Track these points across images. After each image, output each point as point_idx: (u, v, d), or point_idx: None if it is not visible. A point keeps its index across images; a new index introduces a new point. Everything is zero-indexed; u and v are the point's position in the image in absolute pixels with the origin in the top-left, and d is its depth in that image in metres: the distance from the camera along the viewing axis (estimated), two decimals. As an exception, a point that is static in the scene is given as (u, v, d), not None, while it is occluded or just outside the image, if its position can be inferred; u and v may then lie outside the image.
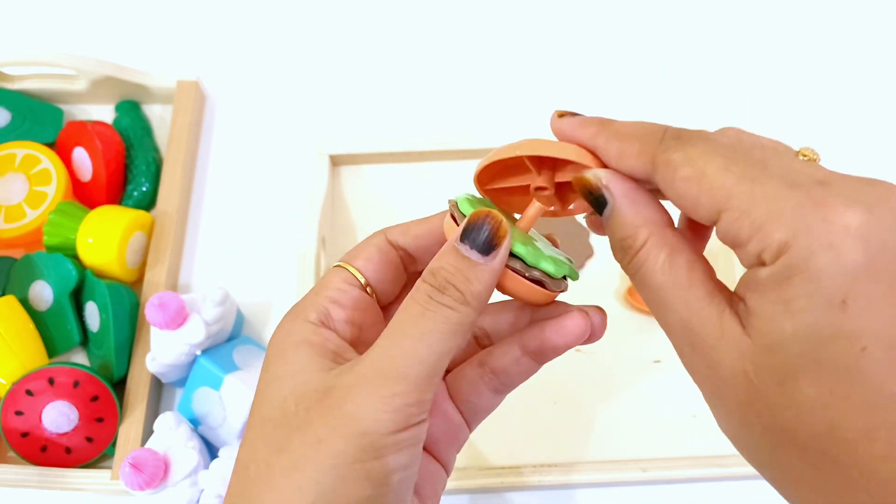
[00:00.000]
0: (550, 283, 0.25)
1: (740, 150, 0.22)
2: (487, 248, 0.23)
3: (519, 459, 0.47)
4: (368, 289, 0.27)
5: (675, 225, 0.24)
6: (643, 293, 0.24)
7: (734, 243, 0.21)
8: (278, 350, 0.25)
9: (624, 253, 0.24)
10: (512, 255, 0.25)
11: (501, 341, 0.28)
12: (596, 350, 0.51)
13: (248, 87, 0.62)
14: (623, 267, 0.24)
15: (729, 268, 0.53)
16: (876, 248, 0.19)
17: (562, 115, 0.26)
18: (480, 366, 0.28)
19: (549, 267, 0.25)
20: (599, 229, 0.26)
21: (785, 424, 0.20)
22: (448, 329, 0.23)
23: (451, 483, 0.45)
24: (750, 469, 0.47)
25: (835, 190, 0.20)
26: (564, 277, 0.26)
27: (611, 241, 0.24)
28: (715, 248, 0.56)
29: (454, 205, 0.26)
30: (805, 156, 0.23)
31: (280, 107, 0.61)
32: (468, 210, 0.25)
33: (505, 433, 0.48)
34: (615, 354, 0.50)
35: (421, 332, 0.23)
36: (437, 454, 0.28)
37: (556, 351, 0.27)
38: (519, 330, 0.28)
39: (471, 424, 0.29)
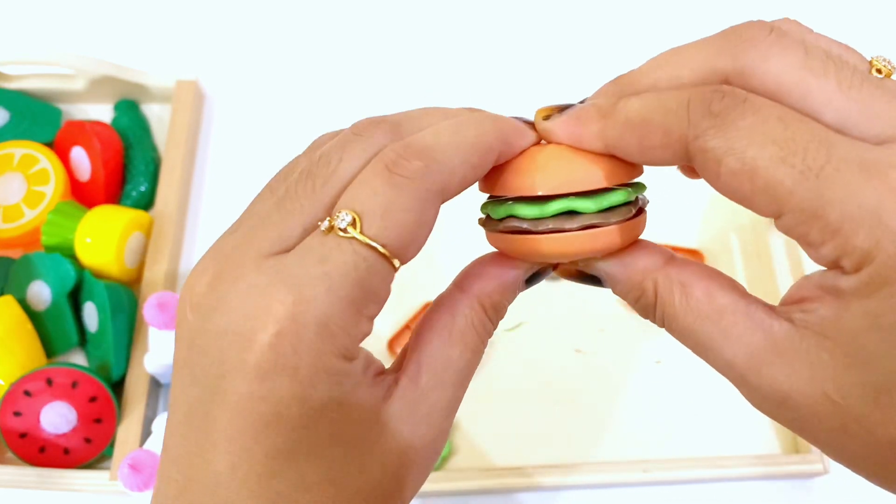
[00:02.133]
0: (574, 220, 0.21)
1: (794, 119, 0.18)
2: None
3: (519, 460, 0.47)
4: None
5: (675, 255, 0.22)
6: (686, 345, 0.21)
7: (802, 243, 0.18)
8: None
9: (648, 314, 0.22)
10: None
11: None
12: (597, 351, 0.51)
13: (248, 87, 0.62)
14: (658, 325, 0.22)
15: (729, 268, 0.53)
16: None
17: (547, 114, 0.22)
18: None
19: (527, 211, 0.21)
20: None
21: (891, 439, 0.18)
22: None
23: (450, 484, 0.45)
24: (751, 470, 0.47)
25: None
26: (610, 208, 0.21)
27: (630, 305, 0.22)
28: (715, 250, 0.55)
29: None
30: (879, 71, 0.19)
31: (279, 106, 0.61)
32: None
33: (505, 434, 0.48)
34: (616, 355, 0.50)
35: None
36: None
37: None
38: None
39: None
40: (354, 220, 0.19)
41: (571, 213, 0.21)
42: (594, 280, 0.22)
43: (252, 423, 0.18)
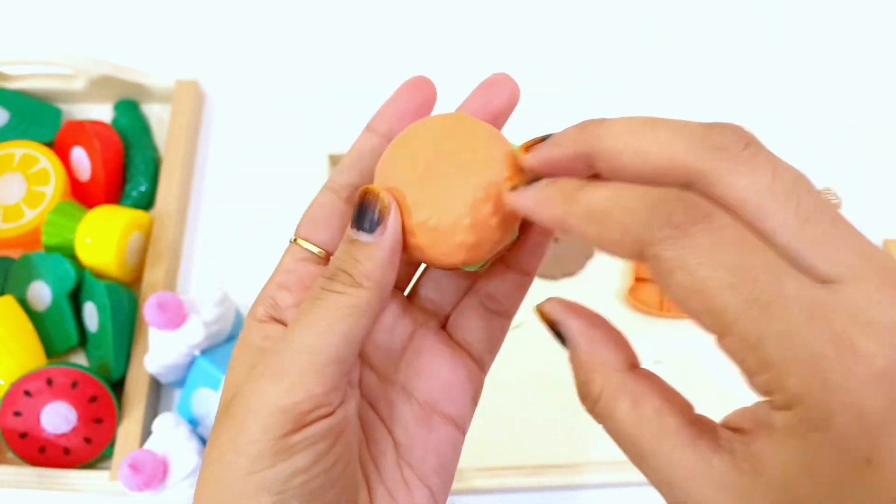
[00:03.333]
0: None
1: (750, 246, 0.18)
2: (372, 225, 0.22)
3: (520, 460, 0.47)
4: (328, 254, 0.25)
5: (640, 364, 0.22)
6: (617, 443, 0.21)
7: (739, 367, 0.18)
8: (230, 360, 0.24)
9: (584, 399, 0.22)
10: None
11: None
12: (596, 350, 0.51)
13: (247, 87, 0.62)
14: (590, 415, 0.22)
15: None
16: None
17: (514, 184, 0.22)
18: (474, 295, 0.26)
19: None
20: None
21: None
22: (339, 314, 0.22)
23: (450, 484, 0.45)
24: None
25: (861, 312, 0.17)
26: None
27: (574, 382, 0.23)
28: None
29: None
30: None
31: (279, 106, 0.61)
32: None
33: (506, 434, 0.48)
34: (615, 355, 0.50)
35: (309, 322, 0.22)
36: (446, 412, 0.26)
37: (531, 255, 0.26)
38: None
39: (483, 363, 0.27)
40: None
41: None
42: (559, 338, 0.23)
43: None
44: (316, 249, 0.25)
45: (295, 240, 0.25)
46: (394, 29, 0.65)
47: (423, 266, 0.27)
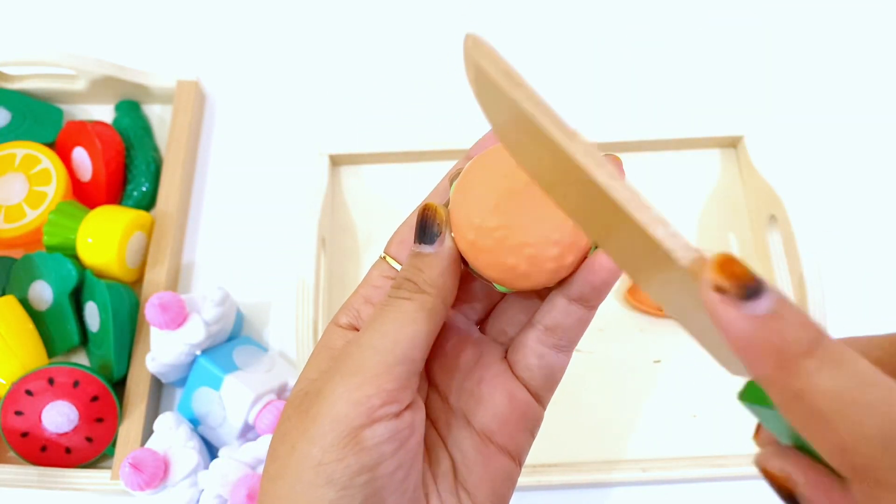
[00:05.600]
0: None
1: None
2: (432, 238, 0.24)
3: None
4: None
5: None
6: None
7: None
8: (309, 357, 0.26)
9: None
10: None
11: (547, 297, 0.27)
12: (596, 350, 0.51)
13: (248, 87, 0.62)
14: None
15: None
16: None
17: (720, 286, 0.15)
18: (534, 327, 0.27)
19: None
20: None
21: None
22: (406, 318, 0.23)
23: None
24: (750, 469, 0.47)
25: None
26: None
27: None
28: (714, 250, 0.56)
29: None
30: None
31: (280, 107, 0.61)
32: None
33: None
34: (615, 354, 0.50)
35: (379, 326, 0.23)
36: (500, 443, 0.26)
37: (597, 291, 0.25)
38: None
39: (542, 399, 0.27)
40: None
41: None
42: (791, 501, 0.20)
43: None
44: (400, 267, 0.26)
45: (384, 257, 0.27)
46: (395, 30, 0.65)
47: (484, 292, 0.28)
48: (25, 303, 0.50)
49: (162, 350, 0.46)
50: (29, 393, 0.47)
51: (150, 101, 0.60)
